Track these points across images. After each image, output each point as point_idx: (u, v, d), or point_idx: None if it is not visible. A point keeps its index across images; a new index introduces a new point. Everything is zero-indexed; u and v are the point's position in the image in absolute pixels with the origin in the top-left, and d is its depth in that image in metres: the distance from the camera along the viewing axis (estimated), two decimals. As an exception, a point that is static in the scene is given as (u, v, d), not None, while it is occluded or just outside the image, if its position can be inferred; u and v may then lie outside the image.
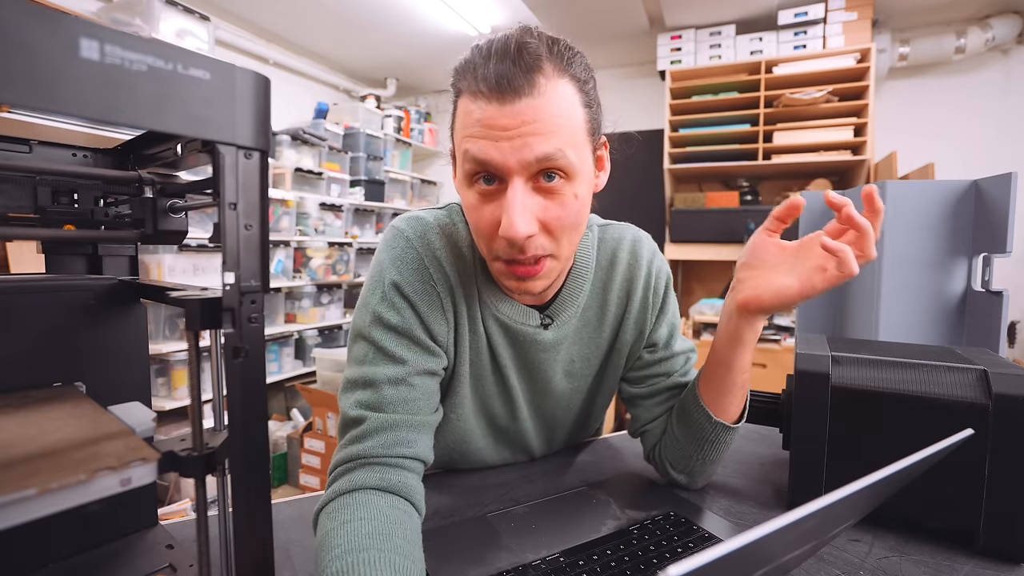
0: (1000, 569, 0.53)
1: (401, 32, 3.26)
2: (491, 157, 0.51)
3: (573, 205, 0.54)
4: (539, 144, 0.50)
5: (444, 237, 0.64)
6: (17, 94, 0.22)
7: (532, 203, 0.52)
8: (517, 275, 0.56)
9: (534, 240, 0.53)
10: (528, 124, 0.50)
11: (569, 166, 0.52)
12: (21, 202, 0.43)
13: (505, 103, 0.50)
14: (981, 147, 2.90)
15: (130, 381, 0.50)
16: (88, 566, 0.46)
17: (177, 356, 2.18)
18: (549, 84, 0.50)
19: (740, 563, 0.22)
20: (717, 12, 2.91)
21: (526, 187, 0.52)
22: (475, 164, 0.52)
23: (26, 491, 0.24)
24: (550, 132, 0.50)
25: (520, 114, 0.49)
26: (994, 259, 0.90)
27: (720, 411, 0.64)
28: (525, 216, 0.51)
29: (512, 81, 0.49)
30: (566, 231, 0.55)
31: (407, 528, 0.50)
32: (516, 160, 0.50)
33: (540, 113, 0.50)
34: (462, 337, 0.65)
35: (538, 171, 0.52)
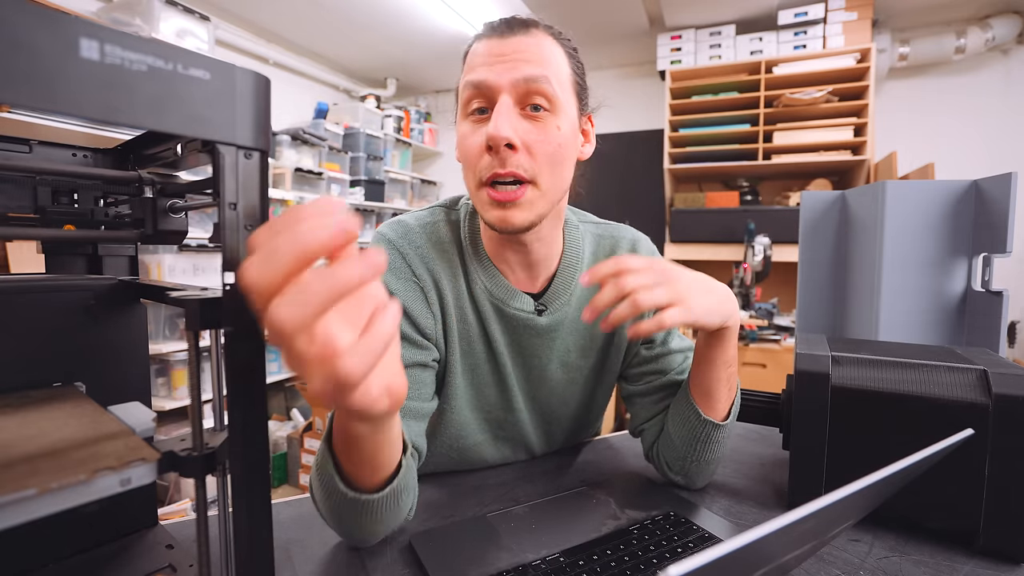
0: (1000, 569, 0.53)
1: (401, 32, 3.26)
2: (485, 77, 0.58)
3: (555, 135, 0.59)
4: (528, 67, 0.57)
5: (425, 235, 0.67)
6: (17, 94, 0.22)
7: (518, 123, 0.58)
8: (499, 201, 0.58)
9: (515, 157, 0.57)
10: (521, 52, 0.58)
11: (554, 96, 0.58)
12: (21, 202, 0.43)
13: (504, 37, 0.59)
14: (981, 147, 2.90)
15: (130, 381, 0.50)
16: (88, 566, 0.46)
17: (177, 356, 2.18)
18: (541, 34, 0.60)
19: (740, 563, 0.22)
20: (717, 12, 2.91)
21: (513, 106, 0.58)
22: (471, 89, 0.59)
23: (26, 491, 0.24)
24: (539, 61, 0.58)
25: (514, 44, 0.58)
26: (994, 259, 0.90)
27: (709, 409, 0.64)
28: (508, 121, 0.56)
29: (511, 24, 0.60)
30: (547, 159, 0.59)
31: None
32: (508, 78, 0.57)
33: (532, 47, 0.59)
34: (451, 327, 0.67)
35: (525, 97, 0.58)
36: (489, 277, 0.67)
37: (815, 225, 1.14)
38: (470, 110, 0.60)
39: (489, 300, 0.67)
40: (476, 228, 0.69)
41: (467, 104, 0.60)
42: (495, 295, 0.67)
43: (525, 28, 0.60)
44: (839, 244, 1.13)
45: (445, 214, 0.71)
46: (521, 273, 0.69)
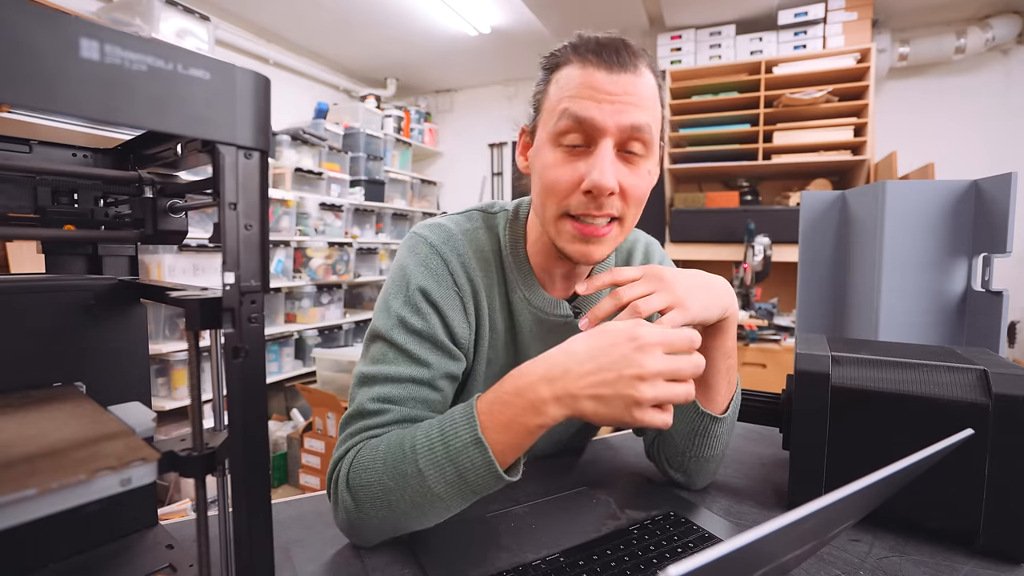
0: (1000, 569, 0.53)
1: (401, 32, 3.26)
2: (592, 115, 0.56)
3: (647, 179, 0.60)
4: (636, 113, 0.56)
5: (468, 242, 0.67)
6: (17, 94, 0.22)
7: (616, 167, 0.57)
8: (585, 235, 0.58)
9: (611, 200, 0.57)
10: (629, 95, 0.56)
11: (651, 142, 0.58)
12: (21, 202, 0.43)
13: (612, 72, 0.56)
14: (981, 147, 2.90)
15: (130, 381, 0.50)
16: (88, 566, 0.46)
17: (177, 356, 2.18)
18: (647, 72, 0.58)
19: (740, 563, 0.22)
20: (717, 12, 2.91)
21: (613, 152, 0.57)
22: (572, 121, 0.56)
23: (26, 491, 0.24)
24: (645, 107, 0.57)
25: (624, 84, 0.56)
26: (994, 259, 0.90)
27: (707, 401, 0.64)
28: (612, 171, 0.56)
29: (620, 56, 0.57)
30: (636, 201, 0.60)
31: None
32: (614, 122, 0.56)
33: (640, 89, 0.57)
34: (482, 337, 0.66)
35: (625, 141, 0.57)
36: (528, 286, 0.67)
37: (815, 225, 1.14)
38: (564, 141, 0.58)
39: (528, 309, 0.67)
40: (519, 237, 0.68)
41: (562, 134, 0.57)
42: (534, 304, 0.67)
43: (635, 64, 0.57)
44: (839, 244, 1.13)
45: (484, 220, 0.70)
46: (560, 283, 0.70)
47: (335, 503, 0.54)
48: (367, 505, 0.52)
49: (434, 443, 0.50)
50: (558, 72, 0.59)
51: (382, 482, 0.51)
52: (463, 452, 0.49)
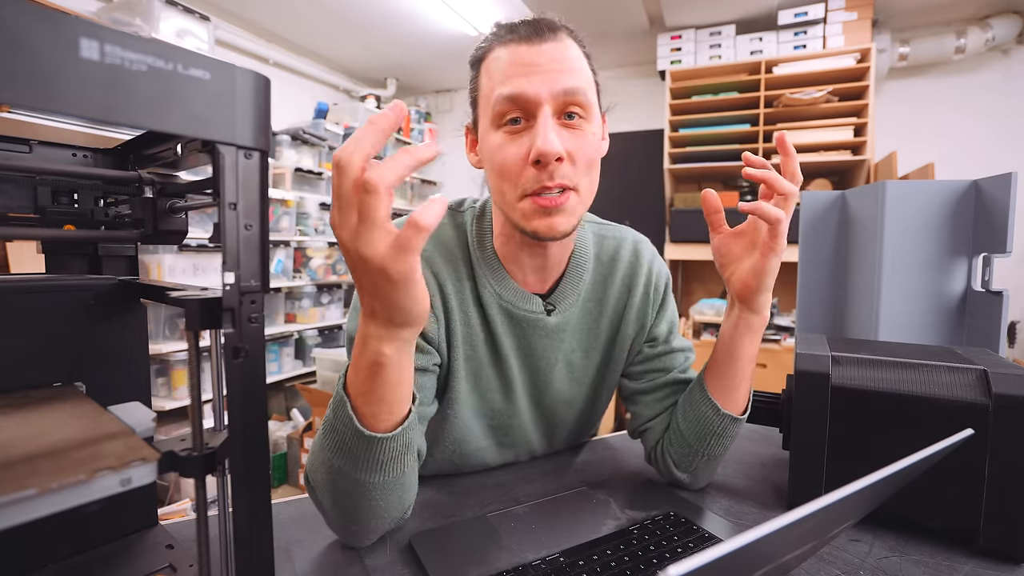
0: (1000, 569, 0.53)
1: (401, 32, 3.26)
2: (523, 90, 0.56)
3: (592, 141, 0.60)
4: (566, 78, 0.57)
5: (431, 239, 0.67)
6: (17, 94, 0.22)
7: (559, 133, 0.57)
8: (544, 207, 0.58)
9: (561, 167, 0.57)
10: (556, 62, 0.57)
11: (589, 105, 0.59)
12: (21, 202, 0.43)
13: (534, 43, 0.58)
14: (981, 147, 2.89)
15: (130, 381, 0.50)
16: (88, 566, 0.46)
17: (177, 356, 2.18)
18: (567, 39, 0.59)
19: (740, 563, 0.22)
20: (717, 12, 2.91)
21: (553, 119, 0.57)
22: (507, 103, 0.57)
23: (26, 491, 0.24)
24: (574, 71, 0.58)
25: (548, 53, 0.57)
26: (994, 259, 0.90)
27: (728, 403, 0.64)
28: (555, 136, 0.56)
29: (539, 28, 0.58)
30: (586, 165, 0.60)
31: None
32: (547, 91, 0.56)
33: (565, 54, 0.58)
34: (454, 331, 0.66)
35: (563, 108, 0.58)
36: (498, 280, 0.67)
37: (815, 225, 1.14)
38: (504, 121, 0.59)
39: (498, 303, 0.67)
40: (485, 231, 0.68)
41: (501, 116, 0.59)
42: (504, 298, 0.67)
43: (553, 33, 0.58)
44: (839, 244, 1.13)
45: (450, 216, 0.70)
46: (532, 276, 0.69)
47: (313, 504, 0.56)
48: (317, 492, 0.53)
49: (328, 412, 0.51)
50: (485, 62, 0.61)
51: (313, 465, 0.53)
52: (337, 413, 0.49)
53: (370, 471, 0.49)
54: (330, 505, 0.53)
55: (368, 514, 0.52)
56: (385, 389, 0.47)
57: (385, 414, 0.48)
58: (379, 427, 0.49)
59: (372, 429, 0.48)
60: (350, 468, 0.49)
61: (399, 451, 0.50)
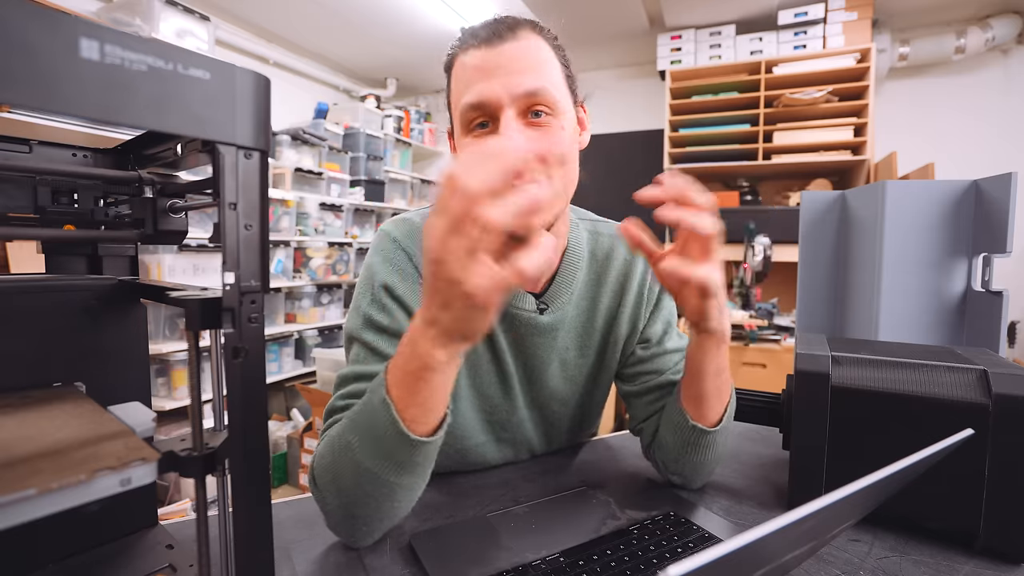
0: (1000, 569, 0.53)
1: (401, 32, 3.26)
2: (484, 95, 0.57)
3: (562, 136, 0.59)
4: (527, 80, 0.57)
5: None
6: (17, 94, 0.22)
7: (525, 134, 0.57)
8: None
9: None
10: (515, 61, 0.57)
11: (554, 102, 0.58)
12: (21, 202, 0.43)
13: (493, 46, 0.58)
14: (981, 147, 2.90)
15: (130, 381, 0.50)
16: (88, 566, 0.46)
17: (177, 356, 2.18)
18: (529, 36, 0.59)
19: (740, 563, 0.22)
20: (717, 12, 2.91)
21: (517, 120, 0.57)
22: (471, 110, 0.58)
23: (26, 491, 0.24)
24: (535, 70, 0.57)
25: (507, 53, 0.57)
26: (994, 259, 0.90)
27: (699, 416, 0.63)
28: (518, 137, 0.56)
29: (498, 31, 0.58)
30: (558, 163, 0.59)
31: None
32: (507, 93, 0.56)
33: (524, 53, 0.58)
34: None
35: (527, 108, 0.57)
36: None
37: (815, 225, 1.14)
38: (472, 127, 0.60)
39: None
40: None
41: (469, 123, 0.60)
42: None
43: (512, 32, 0.58)
44: (839, 244, 1.13)
45: None
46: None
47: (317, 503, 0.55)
48: (327, 494, 0.53)
49: (359, 413, 0.50)
50: (453, 69, 0.62)
51: (331, 466, 0.52)
52: (375, 415, 0.48)
53: (404, 474, 0.50)
54: (343, 505, 0.52)
55: (384, 514, 0.53)
56: (428, 393, 0.47)
57: (423, 417, 0.48)
58: (417, 431, 0.48)
59: (415, 433, 0.48)
60: (382, 470, 0.49)
61: (434, 454, 0.51)
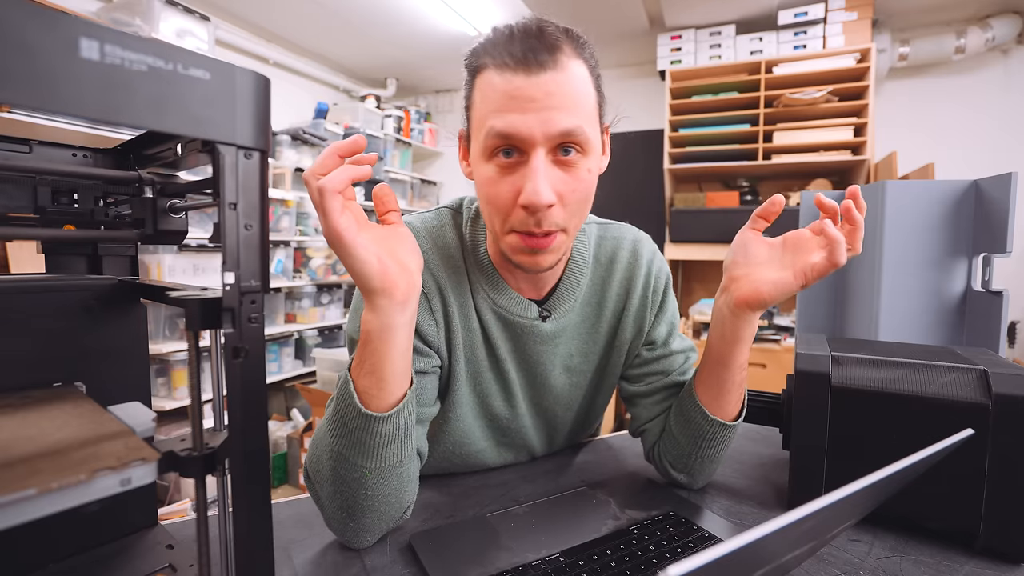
0: (1000, 569, 0.53)
1: (401, 32, 3.26)
2: (517, 129, 0.53)
3: (587, 179, 0.57)
4: (564, 118, 0.53)
5: (431, 240, 0.66)
6: (17, 94, 0.22)
7: (552, 174, 0.55)
8: (530, 247, 0.57)
9: (550, 214, 0.55)
10: (553, 96, 0.52)
11: (586, 141, 0.55)
12: (21, 202, 0.43)
13: (531, 75, 0.52)
14: (981, 147, 2.89)
15: (130, 381, 0.50)
16: (88, 566, 0.46)
17: (177, 356, 2.18)
18: (570, 62, 0.54)
19: (740, 563, 0.22)
20: (717, 12, 2.90)
21: (547, 159, 0.54)
22: (499, 138, 0.54)
23: (26, 491, 0.24)
24: (572, 107, 0.53)
25: (545, 86, 0.52)
26: (994, 259, 0.90)
27: (717, 409, 0.64)
28: (547, 185, 0.54)
29: (538, 55, 0.52)
30: (579, 205, 0.58)
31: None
32: (542, 132, 0.53)
33: (564, 87, 0.53)
34: (455, 335, 0.66)
35: (557, 147, 0.55)
36: (492, 286, 0.66)
37: (815, 225, 1.14)
38: (496, 156, 0.55)
39: (492, 308, 0.66)
40: (478, 235, 0.67)
41: (492, 149, 0.55)
42: (499, 304, 0.66)
43: (553, 57, 0.52)
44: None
45: (451, 217, 0.69)
46: (526, 283, 0.68)
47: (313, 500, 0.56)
48: (317, 486, 0.54)
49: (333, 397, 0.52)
50: (480, 76, 0.57)
51: (318, 458, 0.53)
52: (340, 394, 0.50)
53: (368, 455, 0.50)
54: (328, 497, 0.53)
55: (365, 506, 0.52)
56: (374, 360, 0.49)
57: (375, 389, 0.50)
58: (373, 405, 0.50)
59: (368, 407, 0.49)
60: (349, 451, 0.50)
61: (396, 435, 0.51)
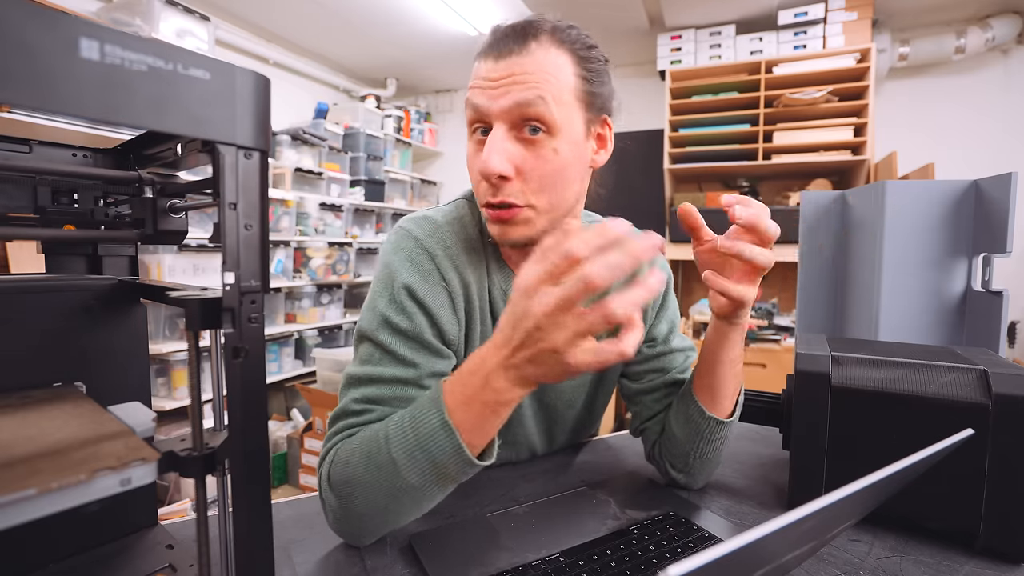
0: (1000, 569, 0.53)
1: (401, 32, 3.26)
2: (479, 103, 0.57)
3: (553, 159, 0.57)
4: (520, 92, 0.55)
5: (454, 233, 0.65)
6: (17, 94, 0.22)
7: (511, 148, 0.56)
8: (494, 219, 0.59)
9: (508, 186, 0.57)
10: (513, 76, 0.55)
11: (551, 119, 0.56)
12: (21, 202, 0.43)
13: (499, 58, 0.56)
14: (981, 147, 2.89)
15: (130, 381, 0.50)
16: (88, 566, 0.46)
17: (177, 356, 2.18)
18: (540, 48, 0.56)
19: (740, 563, 0.22)
20: (717, 12, 2.91)
21: (508, 134, 0.56)
22: (470, 111, 0.58)
23: (26, 491, 0.24)
24: (531, 84, 0.55)
25: (507, 68, 0.56)
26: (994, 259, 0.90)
27: (713, 406, 0.64)
28: (499, 155, 0.55)
29: (507, 41, 0.56)
30: (544, 184, 0.58)
31: None
32: (496, 106, 0.56)
33: (525, 67, 0.55)
34: (473, 330, 0.65)
35: (521, 121, 0.56)
36: (505, 277, 0.66)
37: (815, 225, 1.14)
38: (473, 130, 0.60)
39: (504, 299, 0.66)
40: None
41: (470, 124, 0.60)
42: (509, 294, 0.66)
43: (523, 42, 0.56)
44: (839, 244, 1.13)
45: (470, 207, 0.68)
46: None
47: (323, 504, 0.55)
48: (348, 500, 0.52)
49: (406, 431, 0.50)
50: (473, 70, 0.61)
51: (359, 476, 0.52)
52: (432, 438, 0.48)
53: (450, 489, 0.52)
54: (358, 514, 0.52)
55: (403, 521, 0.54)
56: (497, 423, 0.49)
57: (483, 443, 0.50)
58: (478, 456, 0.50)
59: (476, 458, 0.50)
60: (431, 487, 0.50)
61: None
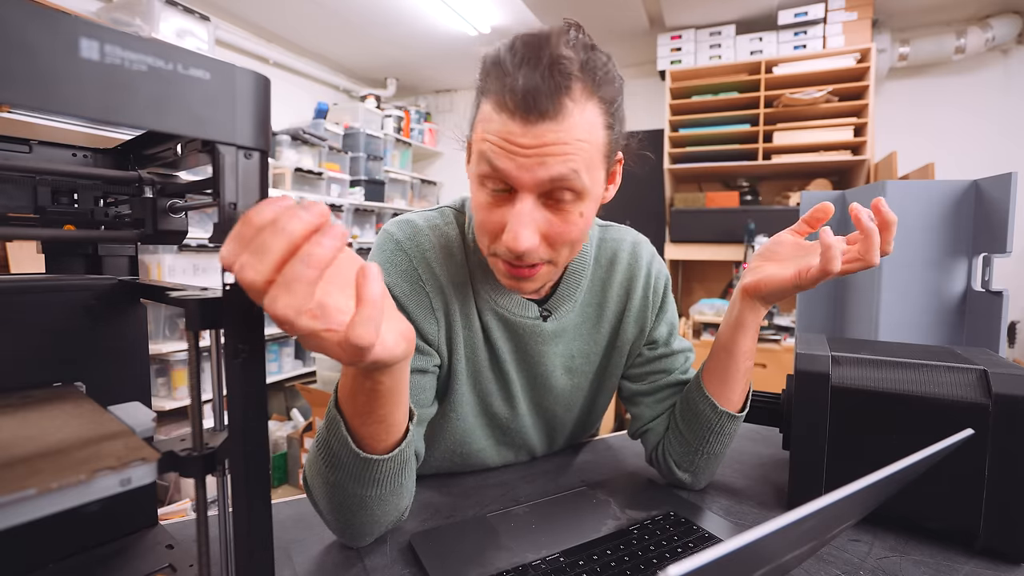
0: (1000, 569, 0.53)
1: (401, 32, 3.26)
2: (506, 169, 0.51)
3: (578, 223, 0.55)
4: (555, 165, 0.50)
5: (434, 239, 0.66)
6: (17, 94, 0.22)
7: (538, 217, 0.53)
8: (513, 275, 0.58)
9: (534, 252, 0.54)
10: (548, 146, 0.49)
11: (581, 188, 0.52)
12: (21, 202, 0.43)
13: (528, 123, 0.49)
14: (981, 147, 2.89)
15: (130, 381, 0.50)
16: (88, 566, 0.46)
17: (177, 356, 2.18)
18: (576, 108, 0.50)
19: (740, 563, 0.22)
20: (717, 12, 2.91)
21: (536, 202, 0.53)
22: (489, 169, 0.52)
23: (26, 491, 0.24)
24: (567, 155, 0.50)
25: (541, 136, 0.49)
26: (994, 259, 0.90)
27: (724, 400, 0.65)
28: (529, 231, 0.52)
29: (538, 101, 0.48)
30: (567, 245, 0.57)
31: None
32: (530, 178, 0.51)
33: (561, 137, 0.49)
34: (455, 334, 0.66)
35: (548, 191, 0.52)
36: (493, 286, 0.66)
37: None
38: (487, 185, 0.54)
39: (492, 308, 0.66)
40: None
41: (483, 178, 0.54)
42: (499, 303, 0.66)
43: (555, 102, 0.48)
44: (839, 244, 1.13)
45: (455, 217, 0.69)
46: None
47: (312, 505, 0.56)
48: (316, 501, 0.54)
49: (322, 427, 0.50)
50: (483, 102, 0.54)
51: (313, 477, 0.53)
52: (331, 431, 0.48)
53: (367, 486, 0.49)
54: (327, 511, 0.53)
55: (366, 521, 0.53)
56: (386, 410, 0.45)
57: (383, 434, 0.47)
58: (378, 448, 0.48)
59: (370, 450, 0.47)
60: (346, 482, 0.49)
61: (397, 468, 0.50)
